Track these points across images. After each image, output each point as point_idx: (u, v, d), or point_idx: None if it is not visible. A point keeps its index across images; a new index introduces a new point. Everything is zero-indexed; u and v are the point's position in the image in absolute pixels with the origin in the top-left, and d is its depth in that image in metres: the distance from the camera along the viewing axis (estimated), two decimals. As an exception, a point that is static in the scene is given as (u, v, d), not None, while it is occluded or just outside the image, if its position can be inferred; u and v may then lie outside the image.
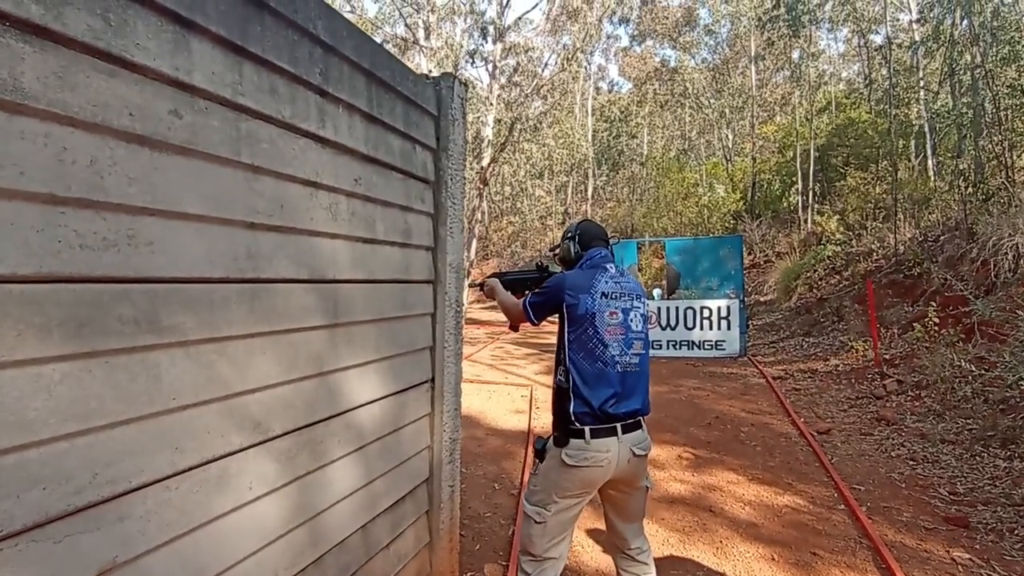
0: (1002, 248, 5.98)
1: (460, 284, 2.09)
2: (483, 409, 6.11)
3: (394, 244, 1.79)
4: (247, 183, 1.27)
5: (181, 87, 1.11)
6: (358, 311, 1.61)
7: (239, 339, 1.22)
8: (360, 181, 1.64)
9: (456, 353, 2.06)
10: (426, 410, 1.97)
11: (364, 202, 1.65)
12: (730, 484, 4.03)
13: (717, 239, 10.29)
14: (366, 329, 1.65)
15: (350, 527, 1.60)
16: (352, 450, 1.59)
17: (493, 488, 4.16)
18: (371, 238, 1.67)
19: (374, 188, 1.70)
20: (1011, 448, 4.18)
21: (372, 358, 1.66)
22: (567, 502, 1.85)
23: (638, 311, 1.95)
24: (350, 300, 1.59)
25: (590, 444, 1.78)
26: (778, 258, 13.30)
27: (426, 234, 1.98)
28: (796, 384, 6.78)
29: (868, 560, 3.00)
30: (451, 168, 2.09)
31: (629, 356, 1.87)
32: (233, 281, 1.21)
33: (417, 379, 1.91)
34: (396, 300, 1.79)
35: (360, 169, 1.65)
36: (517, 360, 9.24)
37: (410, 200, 1.88)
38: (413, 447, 1.89)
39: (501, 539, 3.41)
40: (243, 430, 1.25)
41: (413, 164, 1.91)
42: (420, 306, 1.93)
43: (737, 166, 20.49)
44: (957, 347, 5.65)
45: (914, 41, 12.80)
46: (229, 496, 1.20)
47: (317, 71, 1.48)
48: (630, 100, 27.54)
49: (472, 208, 14.31)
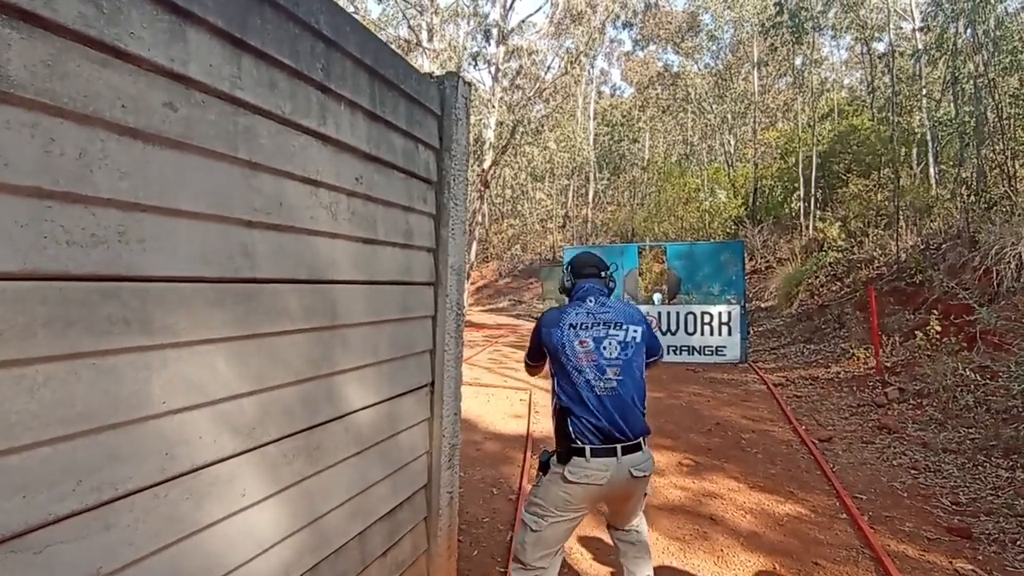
0: (1005, 257, 5.95)
1: (461, 286, 2.05)
2: (481, 413, 6.07)
3: (395, 245, 1.75)
4: (244, 180, 1.23)
5: (176, 79, 1.07)
6: (358, 313, 1.57)
7: (235, 340, 1.18)
8: (361, 180, 1.60)
9: (456, 357, 2.02)
10: (425, 415, 1.93)
11: (365, 202, 1.62)
12: (731, 491, 3.98)
13: (718, 244, 10.26)
14: (365, 332, 1.61)
15: (347, 534, 1.56)
16: (349, 455, 1.55)
17: (491, 493, 4.11)
18: (372, 239, 1.63)
19: (376, 188, 1.66)
20: (1013, 458, 4.14)
21: (371, 361, 1.62)
22: (565, 515, 1.97)
23: (615, 338, 2.05)
24: (349, 302, 1.55)
25: (590, 463, 1.91)
26: (779, 264, 13.27)
27: (428, 235, 1.94)
28: (797, 391, 6.74)
29: (870, 571, 2.96)
30: (454, 168, 2.05)
31: (604, 381, 1.99)
32: (229, 281, 1.17)
33: (417, 383, 1.87)
34: (396, 302, 1.75)
35: (362, 168, 1.62)
36: (516, 364, 9.19)
37: (412, 200, 1.85)
38: (412, 452, 1.85)
39: (499, 545, 3.36)
40: (237, 435, 1.21)
41: (415, 164, 1.87)
42: (421, 308, 1.89)
43: (739, 171, 20.49)
44: (959, 356, 5.62)
45: (917, 49, 12.80)
46: (221, 504, 1.15)
47: (319, 66, 1.45)
48: (632, 104, 27.56)
49: (473, 210, 14.28)
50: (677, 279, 9.03)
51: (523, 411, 6.15)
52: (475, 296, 22.97)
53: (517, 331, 13.92)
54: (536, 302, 20.54)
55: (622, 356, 2.03)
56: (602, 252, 10.37)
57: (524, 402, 6.55)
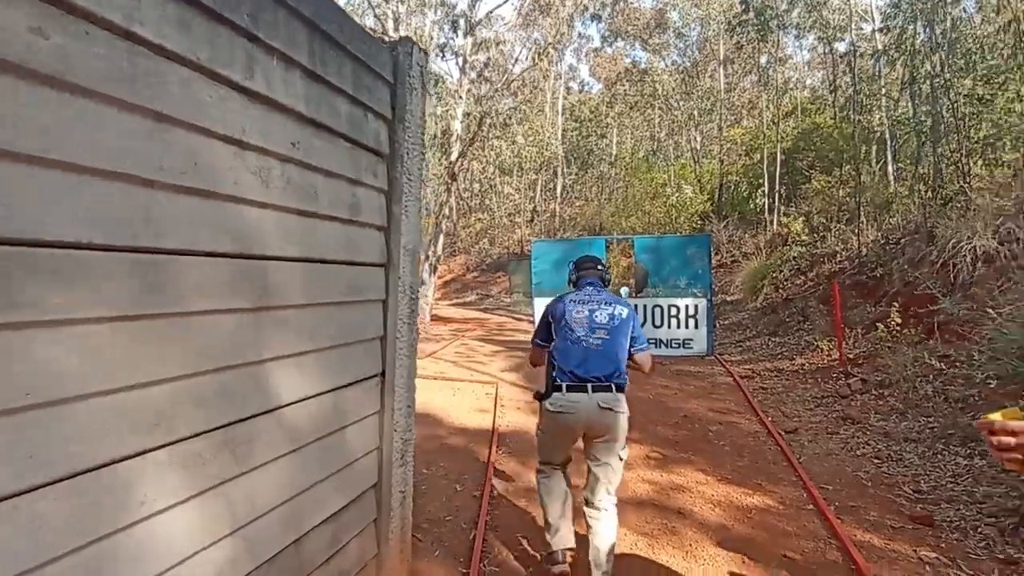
0: (961, 251, 6.09)
1: (415, 269, 1.89)
2: (446, 407, 5.90)
3: (339, 220, 1.57)
4: (146, 132, 1.04)
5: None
6: (294, 293, 1.39)
7: (129, 321, 0.99)
8: (299, 145, 1.43)
9: (410, 344, 1.86)
10: (375, 407, 1.77)
11: (303, 169, 1.44)
12: (699, 484, 3.93)
13: (686, 238, 10.29)
14: (303, 315, 1.43)
15: (280, 542, 1.38)
16: (284, 453, 1.38)
17: (454, 489, 3.96)
18: (310, 211, 1.45)
19: (316, 155, 1.48)
20: (971, 446, 4.21)
21: (310, 348, 1.45)
22: (555, 437, 2.63)
23: (605, 311, 2.65)
24: (284, 280, 1.37)
25: (566, 395, 2.50)
26: (745, 258, 13.44)
27: (378, 211, 1.77)
28: (763, 383, 6.78)
29: (838, 561, 2.93)
30: (408, 141, 1.88)
31: (593, 338, 2.58)
32: (122, 249, 0.99)
33: (365, 372, 1.70)
34: (341, 283, 1.58)
35: (299, 132, 1.44)
36: (483, 357, 9.04)
37: (360, 173, 1.67)
38: (359, 448, 1.68)
39: (462, 544, 3.22)
40: (139, 431, 1.02)
41: (363, 133, 1.70)
42: (370, 291, 1.72)
43: (705, 167, 20.72)
44: (920, 346, 5.72)
45: (876, 50, 13.13)
46: (112, 513, 0.97)
47: (244, 12, 1.26)
48: (600, 100, 27.62)
49: (440, 203, 14.04)
50: (644, 272, 9.00)
51: (489, 405, 6.01)
52: (442, 290, 22.67)
53: (485, 324, 13.76)
54: (503, 296, 20.40)
55: (610, 324, 2.60)
56: (570, 245, 10.29)
57: (490, 396, 6.41)
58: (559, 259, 9.22)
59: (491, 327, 13.31)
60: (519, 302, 16.78)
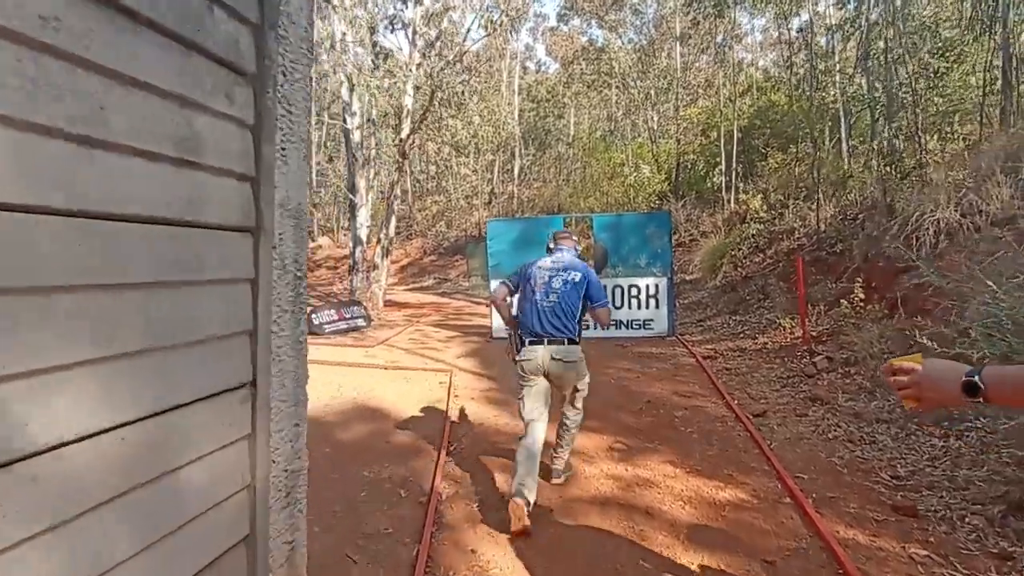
0: (924, 224, 5.95)
1: (301, 237, 1.37)
2: (396, 399, 5.41)
3: (158, 158, 1.03)
4: None
5: None
6: (57, 268, 0.85)
7: None
8: (58, 24, 0.86)
9: (296, 341, 1.35)
10: (242, 431, 1.25)
11: (67, 65, 0.87)
12: (667, 478, 3.60)
13: (645, 215, 10.00)
14: (85, 301, 0.90)
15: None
16: (46, 528, 0.83)
17: (398, 495, 3.50)
18: (87, 135, 0.89)
19: (99, 47, 0.91)
20: (944, 426, 4.02)
21: (100, 355, 0.92)
22: (527, 385, 3.26)
23: (561, 277, 3.30)
24: (37, 248, 0.83)
25: (527, 347, 3.24)
26: (703, 237, 13.32)
27: (237, 154, 1.23)
28: (727, 363, 6.55)
29: (823, 564, 2.63)
30: (287, 57, 1.35)
31: (546, 301, 3.25)
32: None
33: (219, 384, 1.18)
34: (164, 254, 1.04)
35: (59, 2, 0.88)
36: (437, 343, 8.55)
37: (200, 92, 1.13)
38: (213, 493, 1.16)
39: (404, 562, 2.78)
40: None
41: (207, 33, 1.15)
42: (223, 266, 1.19)
43: (662, 147, 20.55)
44: (883, 323, 5.56)
45: (831, 26, 13.08)
46: None
47: None
48: (557, 80, 27.11)
49: (391, 182, 13.32)
50: (604, 251, 8.64)
51: (442, 395, 5.55)
52: (399, 275, 21.91)
53: (442, 309, 13.24)
54: (462, 280, 19.87)
55: (563, 288, 3.26)
56: (527, 224, 9.85)
57: (444, 384, 5.95)
58: (516, 239, 8.76)
59: (448, 312, 12.80)
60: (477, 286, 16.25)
